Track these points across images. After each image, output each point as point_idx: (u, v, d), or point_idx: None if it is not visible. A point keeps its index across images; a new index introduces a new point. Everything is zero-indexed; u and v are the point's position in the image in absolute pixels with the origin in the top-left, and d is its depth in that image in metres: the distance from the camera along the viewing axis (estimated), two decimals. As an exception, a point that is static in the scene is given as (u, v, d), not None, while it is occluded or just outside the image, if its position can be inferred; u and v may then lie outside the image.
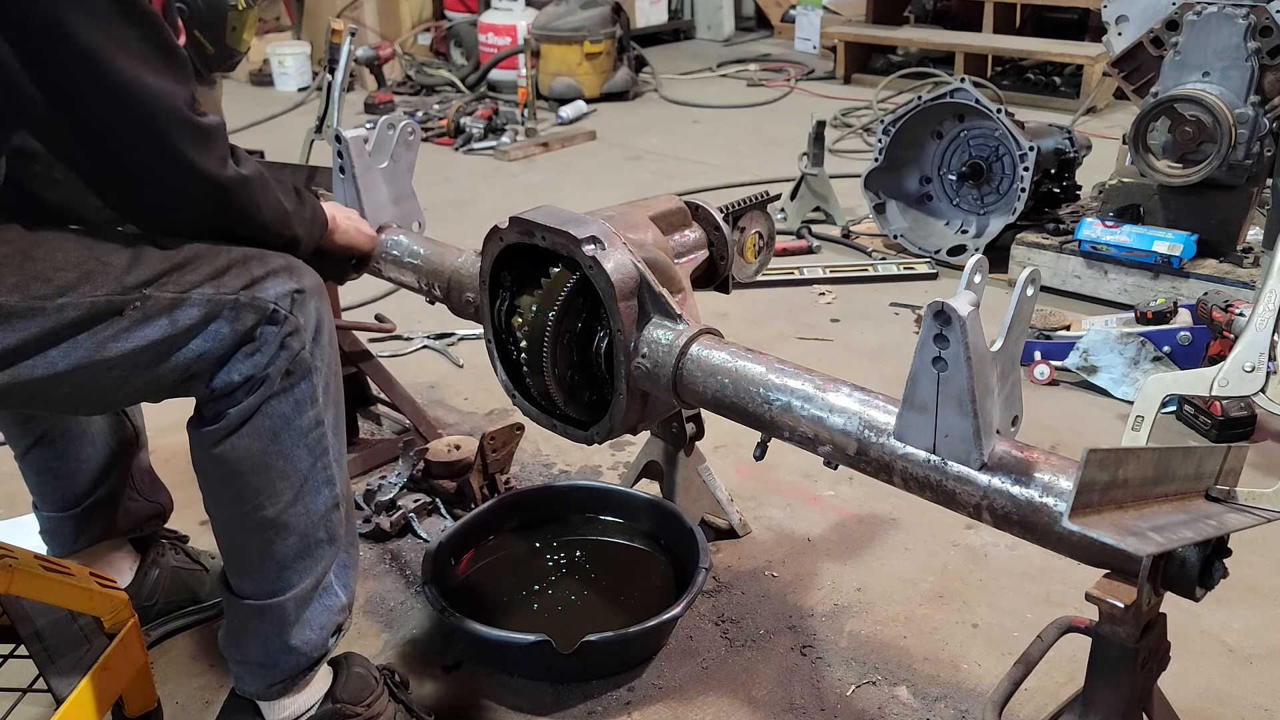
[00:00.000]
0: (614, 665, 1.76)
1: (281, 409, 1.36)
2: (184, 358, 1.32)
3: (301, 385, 1.37)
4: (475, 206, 4.22)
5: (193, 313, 1.32)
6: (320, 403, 1.40)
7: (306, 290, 1.39)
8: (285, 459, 1.38)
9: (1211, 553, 1.11)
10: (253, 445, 1.36)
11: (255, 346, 1.34)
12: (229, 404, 1.35)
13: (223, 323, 1.33)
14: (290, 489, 1.38)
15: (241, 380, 1.34)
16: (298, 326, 1.36)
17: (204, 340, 1.32)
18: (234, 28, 3.83)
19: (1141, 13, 3.12)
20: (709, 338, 1.56)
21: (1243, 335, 1.18)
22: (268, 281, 1.36)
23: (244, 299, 1.34)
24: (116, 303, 1.28)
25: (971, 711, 1.68)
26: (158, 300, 1.30)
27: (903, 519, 2.17)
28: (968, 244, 3.53)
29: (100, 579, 1.38)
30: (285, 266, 1.40)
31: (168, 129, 1.26)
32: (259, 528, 1.39)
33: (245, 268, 1.36)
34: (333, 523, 1.44)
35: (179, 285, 1.32)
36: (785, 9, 7.79)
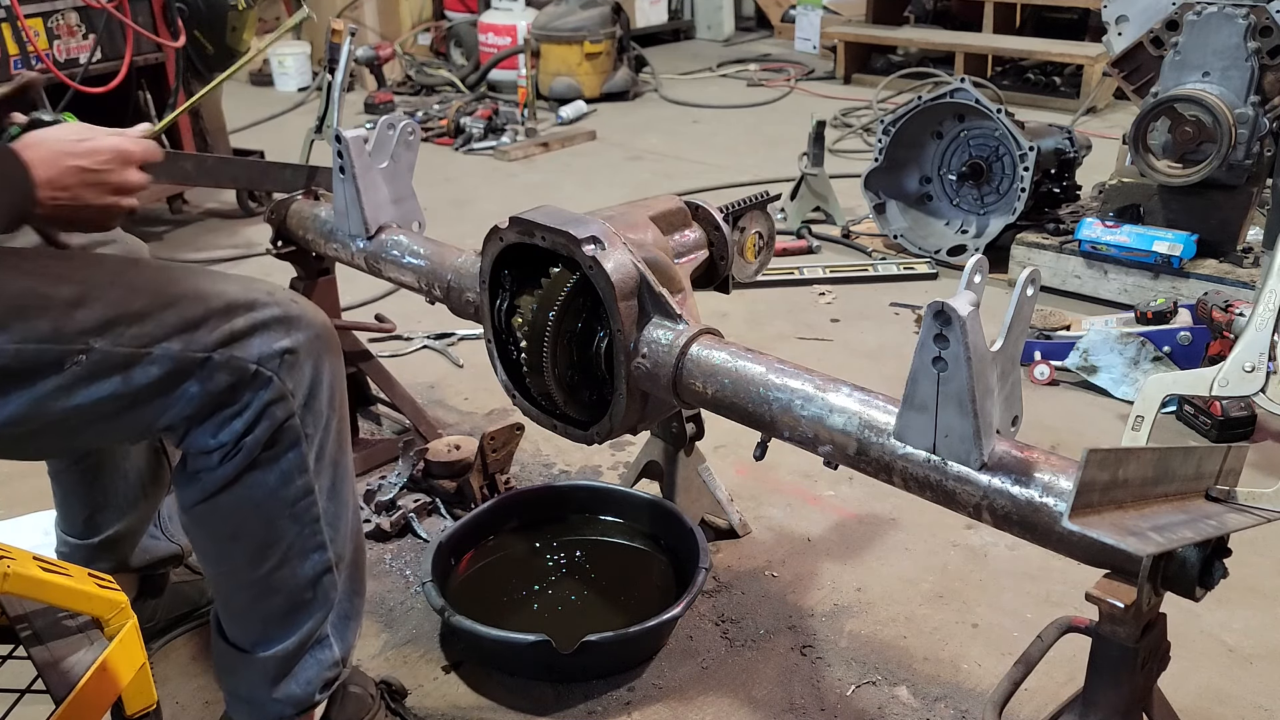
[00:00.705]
0: (614, 665, 1.76)
1: (264, 479, 1.23)
2: (146, 416, 1.17)
3: (289, 456, 1.23)
4: (475, 206, 4.22)
5: (152, 371, 1.14)
6: (311, 470, 1.26)
7: (301, 348, 1.22)
8: (268, 528, 1.26)
9: (1211, 553, 1.11)
10: (231, 513, 1.24)
11: (234, 411, 1.19)
12: (204, 465, 1.22)
13: (192, 383, 1.16)
14: (274, 555, 1.27)
15: (216, 445, 1.20)
16: (284, 393, 1.20)
17: (169, 400, 1.16)
18: (234, 28, 3.84)
19: (1141, 13, 3.12)
20: (709, 338, 1.56)
21: (1243, 335, 1.18)
22: (253, 338, 1.19)
23: (219, 358, 1.17)
24: (52, 353, 1.09)
25: (971, 711, 1.68)
26: (107, 355, 1.11)
27: (903, 519, 2.17)
28: (968, 244, 3.53)
29: (99, 580, 1.38)
30: (279, 318, 1.21)
31: None
32: (242, 587, 1.31)
33: (226, 319, 1.18)
34: (323, 585, 1.33)
35: (137, 338, 1.12)
36: (785, 9, 7.79)
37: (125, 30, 3.51)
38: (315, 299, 2.29)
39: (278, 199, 2.26)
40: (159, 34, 3.63)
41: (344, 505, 1.33)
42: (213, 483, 1.22)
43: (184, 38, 3.68)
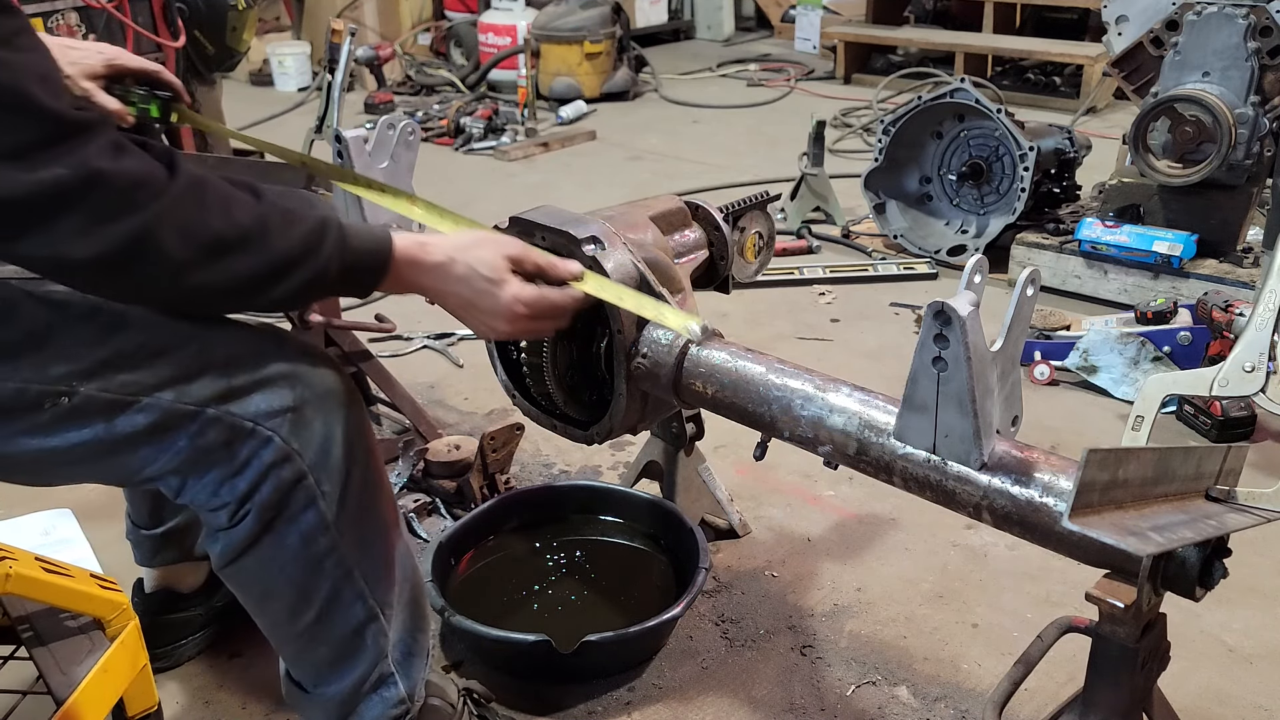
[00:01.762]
0: (614, 665, 1.76)
1: (285, 541, 1.18)
2: (129, 465, 1.12)
3: (305, 516, 1.18)
4: (475, 206, 4.22)
5: (137, 420, 1.08)
6: (335, 527, 1.20)
7: (307, 406, 1.15)
8: (298, 587, 1.22)
9: (1211, 553, 1.11)
10: (260, 574, 1.20)
11: (230, 469, 1.13)
12: (215, 524, 1.17)
13: (180, 437, 1.10)
14: (310, 611, 1.24)
15: (219, 504, 1.15)
16: (288, 454, 1.14)
17: (154, 451, 1.11)
18: (234, 28, 3.84)
19: (1141, 13, 3.12)
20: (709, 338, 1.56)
21: (1243, 335, 1.18)
22: (252, 395, 1.12)
23: (213, 414, 1.10)
24: (30, 393, 1.04)
25: (971, 711, 1.68)
26: (90, 400, 1.06)
27: (903, 519, 2.17)
28: (968, 244, 3.53)
29: (101, 581, 1.38)
30: (284, 375, 1.14)
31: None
32: (287, 640, 1.29)
33: (225, 374, 1.11)
34: (369, 634, 1.28)
35: (125, 385, 1.07)
36: (785, 9, 7.78)
37: (125, 30, 3.51)
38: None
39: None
40: (159, 34, 3.63)
41: (382, 554, 1.28)
42: (231, 546, 1.18)
43: (184, 38, 3.68)
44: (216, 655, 1.79)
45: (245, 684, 1.74)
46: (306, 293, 1.13)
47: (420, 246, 1.22)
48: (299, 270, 1.10)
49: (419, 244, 1.23)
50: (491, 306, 1.26)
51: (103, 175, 0.96)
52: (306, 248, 1.10)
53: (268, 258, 1.08)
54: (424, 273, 1.22)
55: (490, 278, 1.25)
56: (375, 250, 1.17)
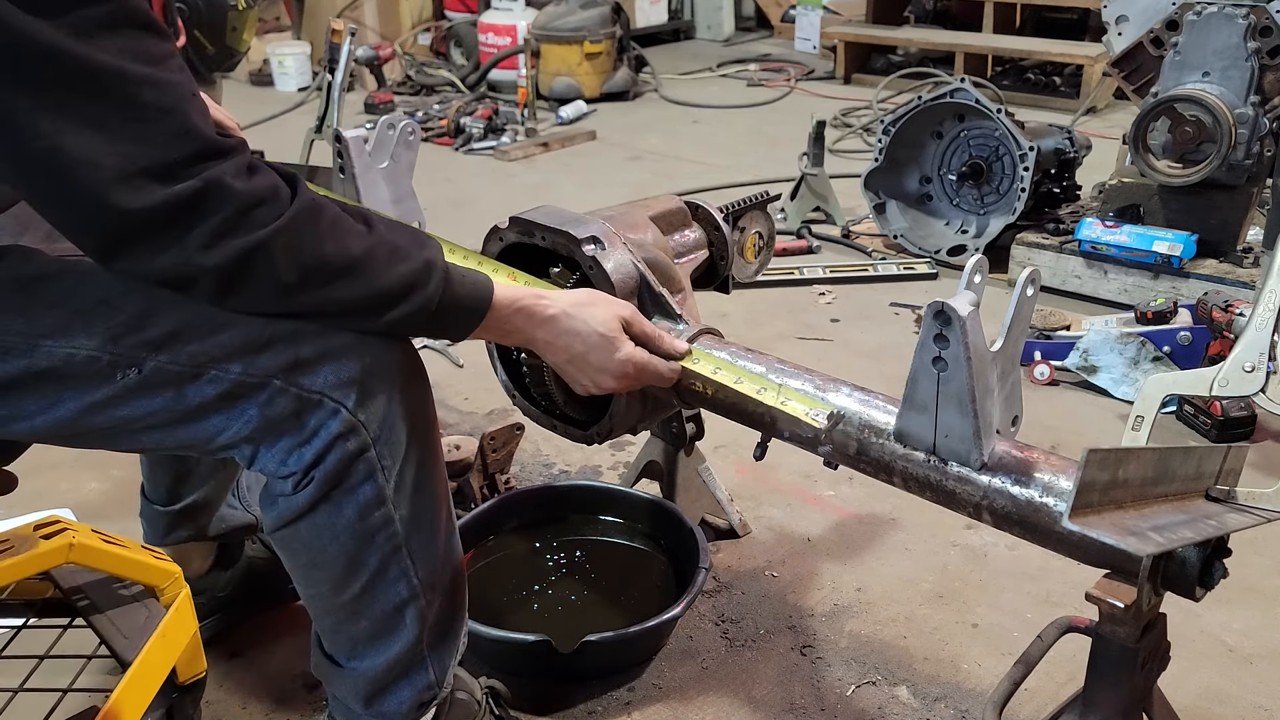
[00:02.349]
0: (614, 665, 1.76)
1: (341, 511, 1.19)
2: (201, 432, 1.15)
3: (364, 488, 1.19)
4: (475, 206, 4.21)
5: (207, 391, 1.11)
6: (390, 502, 1.22)
7: (372, 378, 1.16)
8: (348, 558, 1.23)
9: (1211, 553, 1.11)
10: (311, 541, 1.21)
11: (299, 439, 1.15)
12: (279, 490, 1.19)
13: (250, 406, 1.13)
14: (356, 583, 1.25)
15: (287, 473, 1.17)
16: (354, 425, 1.15)
17: (226, 419, 1.14)
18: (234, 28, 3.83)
19: (1141, 13, 3.12)
20: (709, 338, 1.56)
21: (1243, 335, 1.18)
22: (321, 367, 1.14)
23: (280, 384, 1.12)
24: (104, 360, 1.09)
25: (971, 711, 1.68)
26: (162, 370, 1.10)
27: (903, 519, 2.17)
28: (968, 244, 3.53)
29: (153, 552, 1.40)
30: (352, 346, 1.15)
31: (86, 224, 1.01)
32: (328, 610, 1.29)
33: (293, 345, 1.13)
34: (409, 614, 1.29)
35: (194, 356, 1.10)
36: (785, 9, 7.79)
37: (125, 30, 3.50)
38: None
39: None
40: (159, 34, 3.63)
41: (431, 534, 1.29)
42: (289, 510, 1.19)
43: (184, 38, 3.68)
44: (217, 654, 1.79)
45: (245, 683, 1.74)
46: (403, 327, 1.18)
47: (536, 298, 1.32)
48: (399, 306, 1.15)
49: (535, 295, 1.32)
50: (602, 363, 1.38)
51: (231, 191, 1.02)
52: (409, 285, 1.15)
53: (370, 289, 1.13)
54: (538, 325, 1.33)
55: (607, 335, 1.37)
56: (476, 296, 1.24)
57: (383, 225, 1.17)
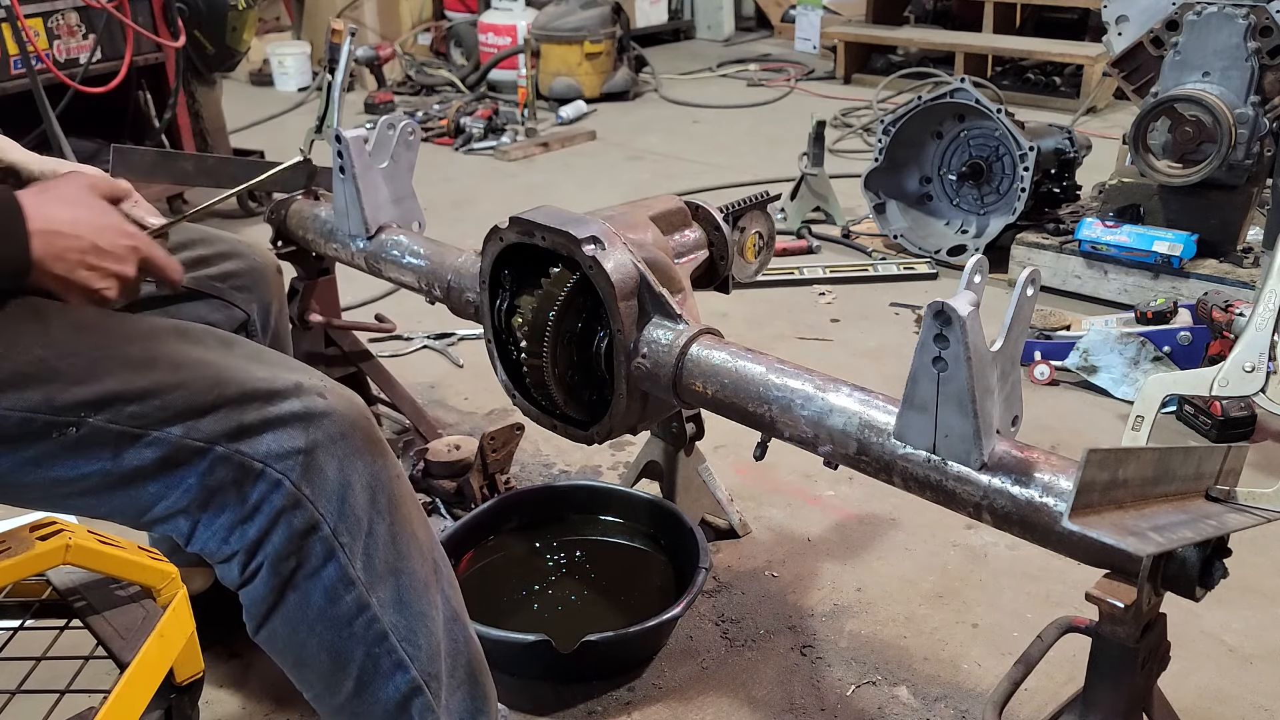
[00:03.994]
0: (614, 665, 1.76)
1: (308, 599, 1.11)
2: (138, 500, 1.08)
3: (326, 570, 1.10)
4: (475, 206, 4.22)
5: (145, 454, 1.04)
6: (362, 583, 1.12)
7: (320, 449, 1.08)
8: (330, 652, 1.14)
9: (1211, 553, 1.11)
10: (290, 637, 1.13)
11: (241, 513, 1.07)
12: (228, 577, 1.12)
13: (190, 474, 1.06)
14: (348, 681, 1.16)
15: (229, 552, 1.09)
16: (299, 499, 1.07)
17: (163, 488, 1.06)
18: (234, 28, 3.84)
19: (1141, 13, 3.12)
20: (709, 338, 1.56)
21: (1243, 335, 1.18)
22: (264, 435, 1.07)
23: (221, 451, 1.05)
24: (39, 421, 1.02)
25: (971, 711, 1.68)
26: (99, 431, 1.03)
27: (903, 519, 2.17)
28: (968, 244, 3.53)
29: (148, 552, 1.40)
30: (298, 414, 1.08)
31: None
32: (330, 712, 1.20)
33: (238, 411, 1.06)
34: (415, 708, 1.18)
35: (135, 417, 1.03)
36: (785, 9, 7.79)
37: (125, 30, 3.51)
38: (315, 299, 2.29)
39: (278, 199, 2.26)
40: (159, 34, 3.63)
41: (420, 618, 1.18)
42: (256, 605, 1.12)
43: (184, 38, 3.68)
44: (216, 655, 1.79)
45: (245, 684, 1.74)
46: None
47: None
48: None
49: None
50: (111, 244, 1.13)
51: None
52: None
53: None
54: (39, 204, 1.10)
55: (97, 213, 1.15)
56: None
57: None
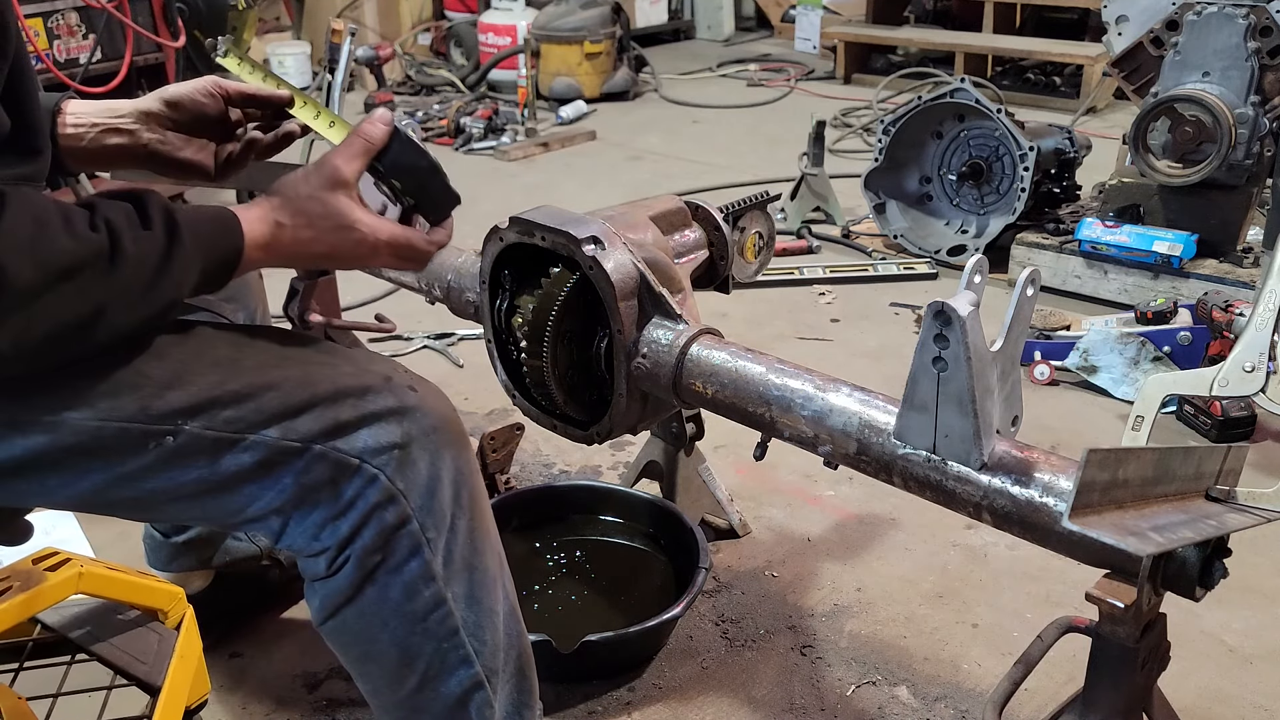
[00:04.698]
0: (614, 665, 1.76)
1: (387, 593, 1.10)
2: (233, 503, 1.06)
3: (410, 565, 1.09)
4: (475, 206, 4.19)
5: (243, 458, 1.03)
6: (441, 578, 1.12)
7: (414, 443, 1.08)
8: (401, 646, 1.13)
9: (1211, 553, 1.11)
10: (359, 632, 1.12)
11: (334, 510, 1.06)
12: (312, 572, 1.10)
13: (286, 475, 1.05)
14: (413, 675, 1.15)
15: (319, 549, 1.08)
16: (393, 494, 1.07)
17: (259, 489, 1.05)
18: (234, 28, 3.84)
19: (1141, 13, 3.12)
20: (709, 338, 1.56)
21: (1243, 335, 1.18)
22: (359, 431, 1.06)
23: (319, 450, 1.04)
24: (134, 432, 0.99)
25: (971, 711, 1.68)
26: (196, 438, 1.01)
27: (903, 519, 2.17)
28: (968, 244, 3.53)
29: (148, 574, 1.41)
30: (392, 409, 1.07)
31: None
32: (387, 709, 1.19)
33: (333, 408, 1.05)
34: (475, 704, 1.18)
35: (231, 422, 1.02)
36: (785, 9, 7.78)
37: (125, 30, 3.51)
38: (315, 299, 2.29)
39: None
40: (159, 34, 3.63)
41: (489, 613, 1.18)
42: (332, 597, 1.10)
43: (184, 38, 3.68)
44: (217, 655, 1.79)
45: (245, 684, 1.74)
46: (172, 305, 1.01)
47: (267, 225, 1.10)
48: (163, 281, 0.98)
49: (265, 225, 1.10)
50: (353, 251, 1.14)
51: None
52: (166, 252, 0.98)
53: (126, 272, 0.95)
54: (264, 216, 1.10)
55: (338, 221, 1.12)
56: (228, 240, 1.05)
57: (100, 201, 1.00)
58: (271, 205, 1.10)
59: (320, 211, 1.10)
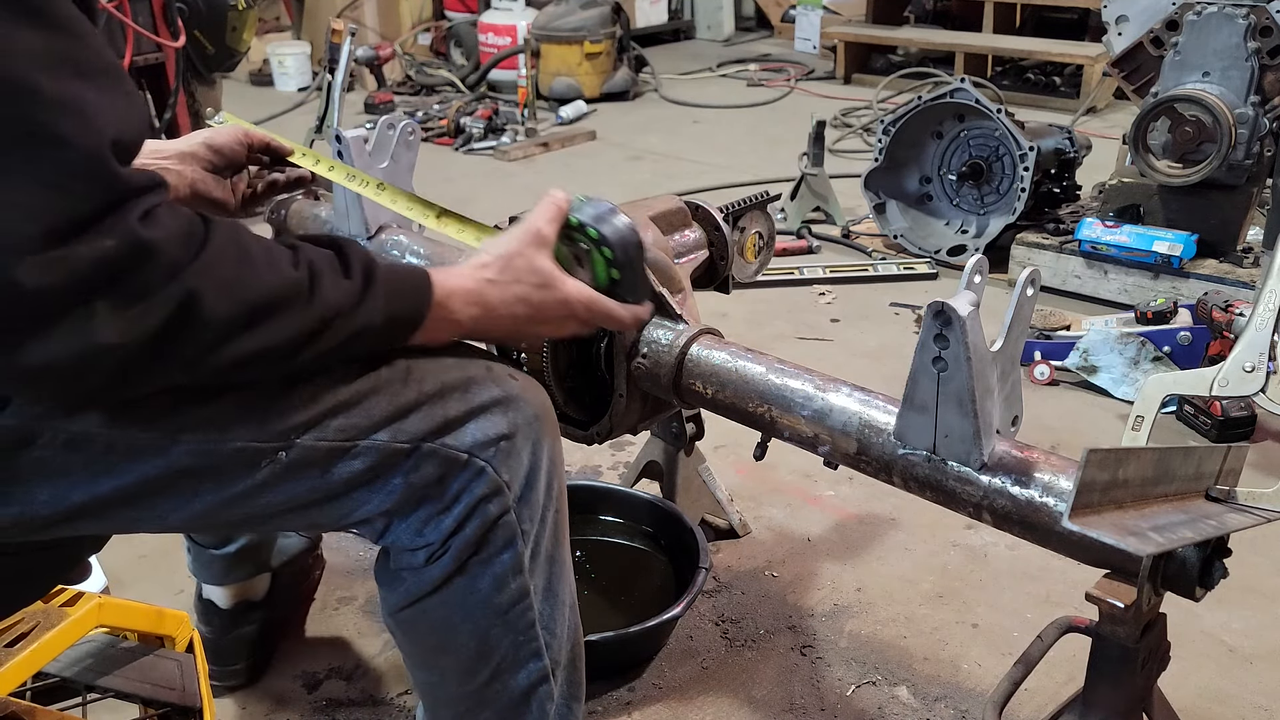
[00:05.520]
0: (614, 665, 1.76)
1: (477, 584, 1.08)
2: (341, 509, 1.05)
3: (503, 557, 1.08)
4: (475, 206, 4.21)
5: (354, 465, 1.02)
6: (527, 570, 1.10)
7: (519, 433, 1.07)
8: (480, 639, 1.11)
9: (1211, 553, 1.11)
10: (440, 622, 1.10)
11: (439, 506, 1.05)
12: (407, 563, 1.09)
13: (396, 476, 1.03)
14: (487, 668, 1.13)
15: (421, 544, 1.07)
16: (499, 486, 1.06)
17: (369, 493, 1.04)
18: (234, 28, 3.84)
19: (1141, 13, 3.12)
20: (709, 338, 1.56)
21: (1243, 335, 1.18)
22: (467, 425, 1.05)
23: (428, 448, 1.03)
24: (249, 452, 0.98)
25: (971, 711, 1.68)
26: (310, 450, 1.00)
27: (903, 519, 2.17)
28: (968, 244, 3.53)
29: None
30: (498, 400, 1.07)
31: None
32: (449, 701, 1.17)
33: (440, 405, 1.04)
34: (538, 697, 1.17)
35: (343, 431, 1.00)
36: (785, 9, 7.79)
37: (125, 30, 3.51)
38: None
39: (278, 199, 2.26)
40: (159, 34, 3.63)
41: (560, 604, 1.17)
42: (418, 587, 1.08)
43: (184, 38, 3.68)
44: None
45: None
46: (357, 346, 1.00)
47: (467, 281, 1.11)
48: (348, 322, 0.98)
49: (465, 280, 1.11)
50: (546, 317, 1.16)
51: (148, 243, 0.83)
52: (356, 297, 0.98)
53: (317, 311, 0.95)
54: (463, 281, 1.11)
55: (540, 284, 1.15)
56: (417, 294, 1.05)
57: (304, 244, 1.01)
58: (480, 263, 1.12)
59: (526, 266, 1.12)
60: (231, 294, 0.89)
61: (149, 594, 1.89)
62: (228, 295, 0.88)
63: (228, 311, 0.89)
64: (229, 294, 0.89)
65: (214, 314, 0.88)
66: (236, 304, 0.89)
